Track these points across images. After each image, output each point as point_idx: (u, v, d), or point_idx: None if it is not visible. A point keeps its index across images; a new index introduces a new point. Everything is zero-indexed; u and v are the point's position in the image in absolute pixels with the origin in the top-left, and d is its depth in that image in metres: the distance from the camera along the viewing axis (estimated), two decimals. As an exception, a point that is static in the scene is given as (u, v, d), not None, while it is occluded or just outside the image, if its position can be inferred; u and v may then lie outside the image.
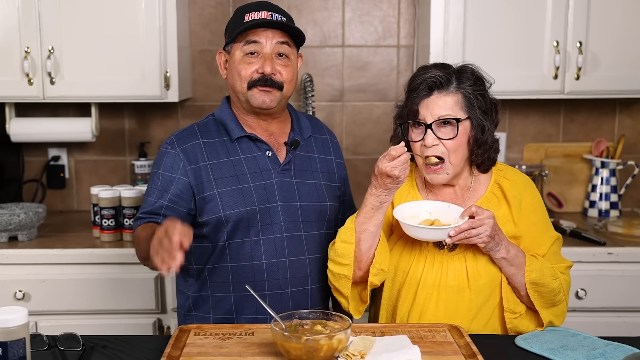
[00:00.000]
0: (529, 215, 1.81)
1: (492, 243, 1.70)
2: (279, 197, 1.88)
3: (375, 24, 3.11)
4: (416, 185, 1.89)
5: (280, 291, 1.88)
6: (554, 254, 1.84)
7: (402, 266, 1.82)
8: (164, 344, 1.65)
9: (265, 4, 1.91)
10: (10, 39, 2.71)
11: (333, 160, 2.04)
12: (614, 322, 2.59)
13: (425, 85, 1.77)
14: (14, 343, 1.40)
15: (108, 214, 2.67)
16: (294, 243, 1.90)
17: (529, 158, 3.15)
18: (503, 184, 1.83)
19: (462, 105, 1.76)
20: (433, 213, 1.77)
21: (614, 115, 3.15)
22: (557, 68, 2.73)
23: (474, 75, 1.80)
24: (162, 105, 3.08)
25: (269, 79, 1.85)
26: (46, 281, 2.55)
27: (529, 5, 2.72)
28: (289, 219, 1.89)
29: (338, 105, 3.15)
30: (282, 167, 1.91)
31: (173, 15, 2.75)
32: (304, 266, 1.91)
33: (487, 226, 1.67)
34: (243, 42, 1.87)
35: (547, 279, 1.75)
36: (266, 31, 1.86)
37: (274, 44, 1.86)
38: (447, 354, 1.58)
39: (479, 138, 1.78)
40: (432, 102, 1.76)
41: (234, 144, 1.91)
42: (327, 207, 1.97)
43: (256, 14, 1.86)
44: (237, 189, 1.86)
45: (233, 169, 1.88)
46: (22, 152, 3.14)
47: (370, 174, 1.74)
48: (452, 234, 1.66)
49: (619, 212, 3.00)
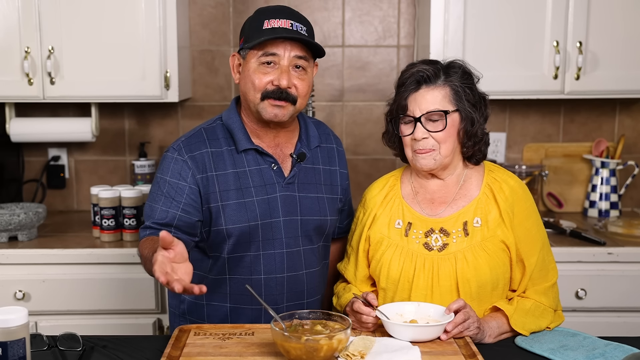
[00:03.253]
0: (522, 222, 1.80)
1: (480, 334, 1.70)
2: (282, 212, 1.85)
3: (375, 24, 3.11)
4: (401, 195, 1.88)
5: (275, 306, 1.85)
6: (541, 269, 1.81)
7: (392, 274, 1.82)
8: (164, 344, 1.65)
9: (286, 10, 1.83)
10: (10, 39, 2.71)
11: (337, 171, 2.00)
12: (614, 322, 2.59)
13: (413, 79, 1.79)
14: (14, 343, 1.40)
15: (108, 214, 2.67)
16: (293, 259, 1.88)
17: (529, 158, 3.15)
18: (494, 187, 1.83)
19: (451, 98, 1.77)
20: (404, 315, 1.72)
21: (614, 115, 3.15)
22: (557, 68, 2.73)
23: (461, 69, 1.81)
24: (162, 105, 3.08)
25: (284, 91, 1.79)
26: (46, 281, 2.55)
27: (529, 5, 2.72)
28: (290, 234, 1.87)
29: (338, 105, 3.15)
30: (286, 181, 1.87)
31: (173, 15, 2.74)
32: (300, 281, 1.90)
33: (473, 317, 1.68)
34: (260, 52, 1.78)
35: (533, 325, 1.76)
36: (285, 43, 1.78)
37: (292, 57, 1.79)
38: (447, 354, 1.58)
39: (469, 130, 1.78)
40: (420, 97, 1.77)
41: (240, 155, 1.86)
42: (327, 222, 1.94)
43: (276, 21, 1.78)
44: (240, 203, 1.82)
45: (238, 181, 1.83)
46: (22, 152, 3.14)
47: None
48: (450, 328, 1.64)
49: (619, 212, 3.00)
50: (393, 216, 1.86)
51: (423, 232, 1.82)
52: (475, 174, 1.86)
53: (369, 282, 1.91)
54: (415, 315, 1.72)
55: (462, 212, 1.81)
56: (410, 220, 1.84)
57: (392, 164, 3.10)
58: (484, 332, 1.71)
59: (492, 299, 1.79)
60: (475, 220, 1.80)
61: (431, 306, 1.73)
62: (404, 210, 1.86)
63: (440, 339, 1.65)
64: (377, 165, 3.14)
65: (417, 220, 1.83)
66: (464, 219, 1.80)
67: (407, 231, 1.83)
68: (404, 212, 1.85)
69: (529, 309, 1.77)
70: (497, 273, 1.77)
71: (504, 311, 1.75)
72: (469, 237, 1.79)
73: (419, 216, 1.84)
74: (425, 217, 1.83)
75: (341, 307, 1.86)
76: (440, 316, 1.69)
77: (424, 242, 1.81)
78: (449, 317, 1.65)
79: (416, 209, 1.85)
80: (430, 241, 1.81)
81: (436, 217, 1.83)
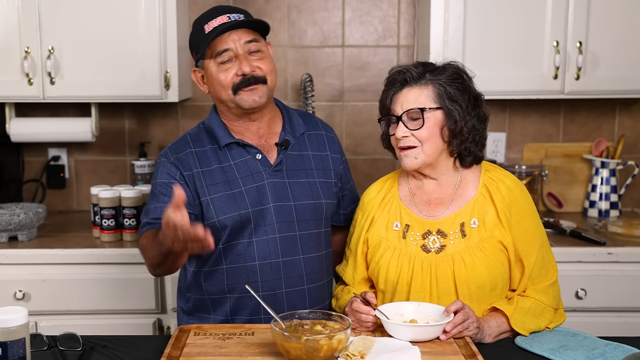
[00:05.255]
0: (520, 221, 1.80)
1: (479, 333, 1.70)
2: (272, 199, 1.88)
3: (375, 24, 3.11)
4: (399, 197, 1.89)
5: (274, 292, 1.87)
6: (540, 267, 1.81)
7: (390, 276, 1.82)
8: (164, 344, 1.65)
9: (219, 8, 1.89)
10: (10, 39, 2.71)
11: (329, 155, 2.02)
12: (614, 322, 2.59)
13: (395, 81, 1.82)
14: (14, 343, 1.40)
15: (108, 214, 2.67)
16: (287, 243, 1.89)
17: (529, 158, 3.15)
18: (490, 187, 1.82)
19: (433, 96, 1.78)
20: (404, 314, 1.73)
21: (614, 115, 3.15)
22: (557, 68, 2.73)
23: (451, 68, 1.82)
24: (162, 105, 3.08)
25: (250, 77, 1.85)
26: (46, 281, 2.55)
27: (529, 5, 2.72)
28: (282, 219, 1.89)
29: (338, 105, 3.15)
30: (273, 169, 1.90)
31: (173, 15, 2.75)
32: (298, 266, 1.91)
33: (472, 317, 1.68)
34: (215, 54, 1.86)
35: (533, 324, 1.76)
36: (231, 34, 1.85)
37: (243, 44, 1.85)
38: (447, 354, 1.58)
39: (453, 128, 1.78)
40: (403, 96, 1.80)
41: (223, 150, 1.91)
42: (322, 205, 1.96)
43: (214, 21, 1.85)
44: (229, 194, 1.86)
45: (224, 175, 1.88)
46: (22, 152, 3.14)
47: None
48: (449, 328, 1.65)
49: (619, 212, 3.00)
50: (391, 218, 1.87)
51: (420, 234, 1.82)
52: (472, 174, 1.86)
53: (368, 284, 1.92)
54: (415, 315, 1.72)
55: (459, 214, 1.81)
56: (407, 222, 1.84)
57: (392, 164, 3.10)
58: (484, 332, 1.71)
59: (491, 299, 1.79)
60: (473, 221, 1.80)
61: (431, 306, 1.73)
62: (402, 213, 1.86)
63: (439, 339, 1.65)
64: (377, 165, 3.14)
65: (414, 222, 1.83)
66: (461, 220, 1.80)
67: (405, 233, 1.83)
68: (402, 214, 1.86)
69: (528, 308, 1.77)
70: (495, 274, 1.77)
71: (504, 311, 1.75)
72: (466, 238, 1.79)
73: (416, 218, 1.84)
74: (423, 219, 1.83)
75: (340, 309, 1.86)
76: (441, 316, 1.69)
77: (421, 244, 1.81)
78: (449, 317, 1.65)
79: (414, 210, 1.85)
80: (428, 243, 1.81)
81: (433, 218, 1.83)
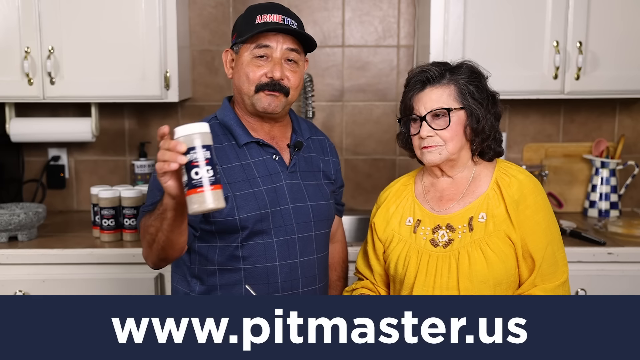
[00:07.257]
0: (531, 215, 1.79)
1: None
2: (290, 199, 1.89)
3: (375, 24, 3.11)
4: (414, 194, 1.91)
5: (292, 292, 1.88)
6: (550, 264, 1.80)
7: (399, 270, 1.84)
8: (164, 344, 1.65)
9: (278, 7, 1.89)
10: (10, 39, 2.71)
11: (330, 160, 2.06)
12: (614, 322, 2.58)
13: (417, 80, 1.82)
14: (213, 147, 1.43)
15: (108, 214, 2.67)
16: (305, 244, 1.91)
17: (529, 158, 3.15)
18: (502, 182, 1.83)
19: (455, 96, 1.79)
20: None
21: (614, 115, 3.15)
22: (557, 68, 2.73)
23: (469, 68, 1.83)
24: (162, 105, 3.08)
25: (277, 83, 1.84)
26: (46, 281, 2.55)
27: (529, 5, 2.72)
28: (301, 220, 1.90)
29: (338, 105, 3.15)
30: (289, 170, 1.91)
31: (173, 15, 2.75)
32: (312, 266, 1.93)
33: None
34: (253, 45, 1.84)
35: None
36: (277, 36, 1.84)
37: (284, 49, 1.85)
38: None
39: (475, 127, 1.79)
40: (425, 96, 1.80)
41: (242, 148, 1.90)
42: (331, 206, 2.00)
43: (268, 16, 1.84)
44: (249, 193, 1.85)
45: (244, 173, 1.87)
46: (22, 152, 3.14)
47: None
48: None
49: (619, 212, 3.00)
50: (405, 214, 1.89)
51: (431, 228, 1.83)
52: (486, 170, 1.87)
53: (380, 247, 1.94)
54: None
55: (469, 208, 1.82)
56: (419, 217, 1.86)
57: (392, 164, 3.10)
58: None
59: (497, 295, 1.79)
60: (481, 215, 1.80)
61: None
62: (415, 208, 1.88)
63: None
64: (377, 165, 3.14)
65: (425, 217, 1.85)
66: (470, 215, 1.81)
67: (416, 228, 1.85)
68: (415, 210, 1.88)
69: None
70: (500, 269, 1.76)
71: None
72: (473, 232, 1.79)
73: (427, 213, 1.85)
74: (434, 214, 1.85)
75: None
76: None
77: (430, 238, 1.83)
78: None
79: (425, 206, 1.87)
80: (437, 237, 1.82)
81: (444, 213, 1.84)
